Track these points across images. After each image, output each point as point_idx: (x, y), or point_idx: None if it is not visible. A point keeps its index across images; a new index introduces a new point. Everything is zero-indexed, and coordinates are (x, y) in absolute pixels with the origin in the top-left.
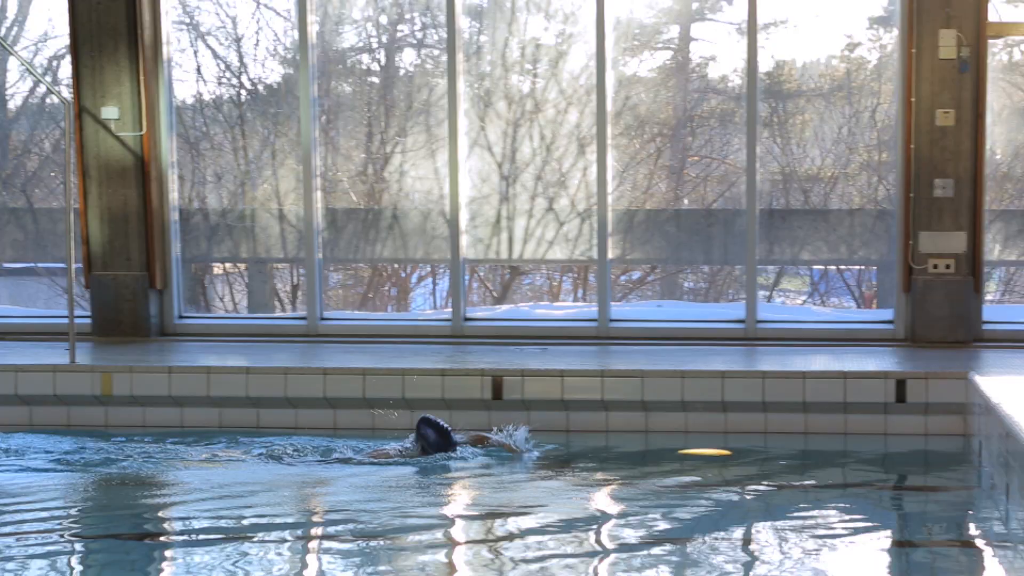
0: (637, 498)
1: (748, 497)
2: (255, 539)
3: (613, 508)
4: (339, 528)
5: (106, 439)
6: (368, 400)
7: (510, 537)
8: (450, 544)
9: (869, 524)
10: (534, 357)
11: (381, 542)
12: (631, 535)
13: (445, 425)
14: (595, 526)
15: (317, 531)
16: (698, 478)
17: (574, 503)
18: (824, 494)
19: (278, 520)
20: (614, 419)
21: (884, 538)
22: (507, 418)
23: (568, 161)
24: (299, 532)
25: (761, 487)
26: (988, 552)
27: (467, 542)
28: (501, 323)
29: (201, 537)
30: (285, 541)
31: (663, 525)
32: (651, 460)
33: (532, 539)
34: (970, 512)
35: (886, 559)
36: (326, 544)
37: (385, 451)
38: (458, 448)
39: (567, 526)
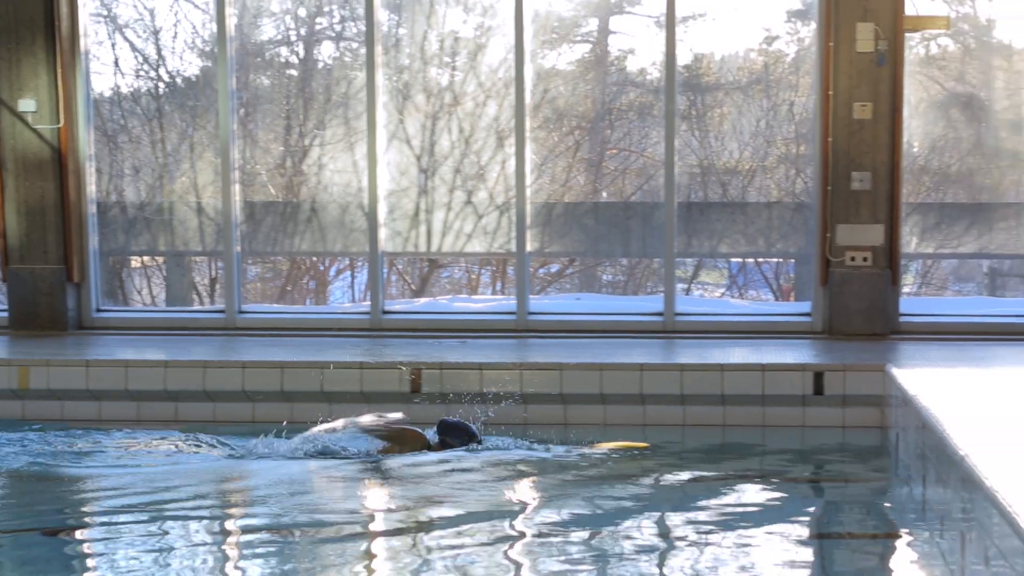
0: (555, 491)
1: (667, 489)
2: (172, 534)
3: (532, 501)
4: (264, 523)
5: (23, 432)
6: (286, 393)
7: (427, 532)
8: (363, 540)
9: (787, 516)
10: (453, 350)
11: (298, 537)
12: (550, 529)
13: (464, 424)
14: (514, 520)
15: (234, 527)
16: (617, 471)
17: (493, 496)
18: (742, 486)
19: (204, 512)
20: (533, 412)
21: (802, 530)
22: (424, 411)
23: (487, 154)
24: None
25: (679, 479)
26: (904, 544)
27: (382, 538)
28: (420, 316)
29: (116, 532)
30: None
31: (581, 518)
32: (570, 452)
33: (449, 534)
34: (887, 504)
35: (804, 551)
36: (247, 540)
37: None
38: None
39: (486, 520)
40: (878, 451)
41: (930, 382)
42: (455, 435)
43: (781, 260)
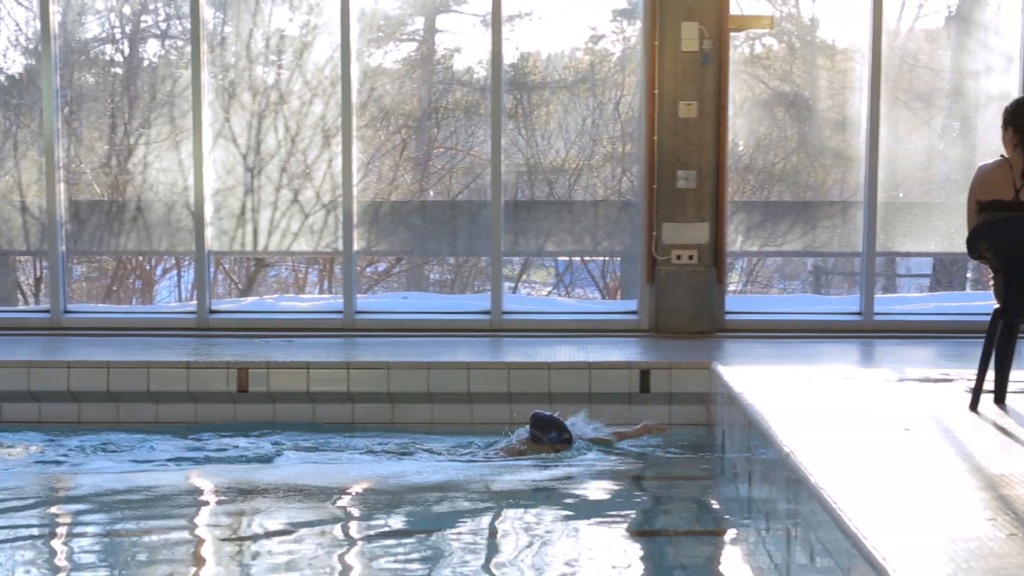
0: (381, 492)
1: (491, 488)
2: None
3: (357, 503)
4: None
5: None
6: (112, 393)
7: (256, 532)
8: (193, 543)
9: (614, 514)
10: (280, 349)
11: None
12: (376, 530)
13: (558, 420)
14: (340, 522)
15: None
16: (441, 469)
17: (317, 497)
18: (569, 484)
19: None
20: (360, 411)
21: (629, 528)
22: (252, 411)
23: (313, 153)
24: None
25: (506, 478)
26: (731, 540)
27: (211, 541)
28: (246, 315)
29: None
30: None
31: (406, 519)
32: (397, 453)
33: (275, 535)
34: (714, 501)
35: (631, 549)
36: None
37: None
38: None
39: (312, 522)
40: (704, 448)
41: (755, 379)
42: (547, 430)
43: (607, 258)
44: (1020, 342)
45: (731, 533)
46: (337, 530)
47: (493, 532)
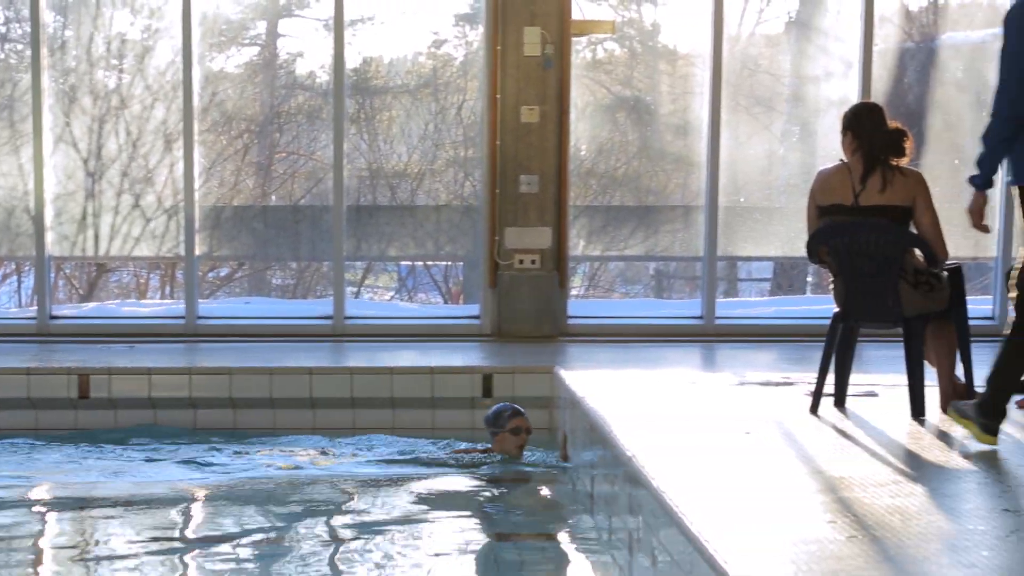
0: (228, 496)
1: (342, 493)
2: None
3: (202, 506)
4: None
5: None
6: None
7: (95, 536)
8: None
9: (460, 518)
10: (121, 355)
11: None
12: (222, 534)
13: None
14: (179, 525)
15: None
16: (289, 473)
17: (160, 500)
18: (413, 488)
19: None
20: (202, 417)
21: (474, 532)
22: (94, 418)
23: (155, 157)
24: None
25: (352, 482)
26: (574, 544)
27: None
28: (88, 321)
29: None
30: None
31: (255, 524)
32: (242, 457)
33: (116, 540)
34: (557, 505)
35: (476, 553)
36: None
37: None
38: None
39: (153, 524)
40: (548, 452)
41: (598, 383)
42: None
43: (450, 263)
44: (859, 346)
45: (574, 536)
46: (175, 531)
47: (338, 535)
